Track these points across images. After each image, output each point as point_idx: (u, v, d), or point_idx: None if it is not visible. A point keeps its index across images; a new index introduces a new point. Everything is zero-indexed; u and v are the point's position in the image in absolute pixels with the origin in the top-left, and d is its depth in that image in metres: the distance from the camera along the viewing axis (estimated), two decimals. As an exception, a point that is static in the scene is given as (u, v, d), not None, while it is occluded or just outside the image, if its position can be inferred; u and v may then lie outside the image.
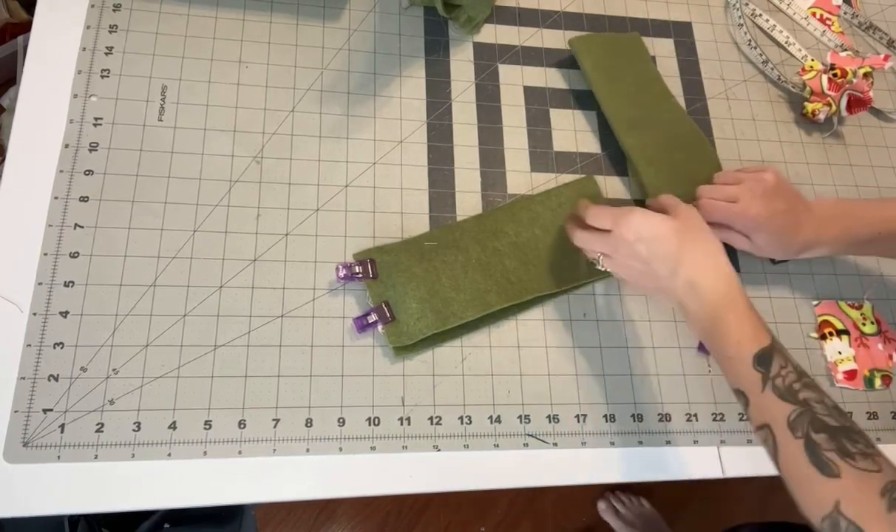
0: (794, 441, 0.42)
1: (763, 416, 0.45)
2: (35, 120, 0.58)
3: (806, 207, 0.59)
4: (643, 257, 0.51)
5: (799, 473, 0.42)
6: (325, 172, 0.62)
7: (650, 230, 0.50)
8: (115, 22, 0.63)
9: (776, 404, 0.44)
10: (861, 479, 0.40)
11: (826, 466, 0.41)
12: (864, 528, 0.39)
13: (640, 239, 0.50)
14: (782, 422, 0.43)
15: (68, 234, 0.55)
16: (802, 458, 0.42)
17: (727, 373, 0.48)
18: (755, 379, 0.45)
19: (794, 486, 0.43)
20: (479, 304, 0.57)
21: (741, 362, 0.46)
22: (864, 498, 0.40)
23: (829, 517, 0.40)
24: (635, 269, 0.52)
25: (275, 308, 0.56)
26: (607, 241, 0.53)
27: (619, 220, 0.51)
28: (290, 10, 0.67)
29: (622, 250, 0.52)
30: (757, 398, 0.45)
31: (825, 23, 0.79)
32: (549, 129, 0.68)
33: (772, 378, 0.45)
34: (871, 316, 0.66)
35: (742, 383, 0.46)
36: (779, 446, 0.43)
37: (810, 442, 0.42)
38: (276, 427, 0.53)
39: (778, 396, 0.44)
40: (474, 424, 0.56)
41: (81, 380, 0.52)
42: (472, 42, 0.70)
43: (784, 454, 0.43)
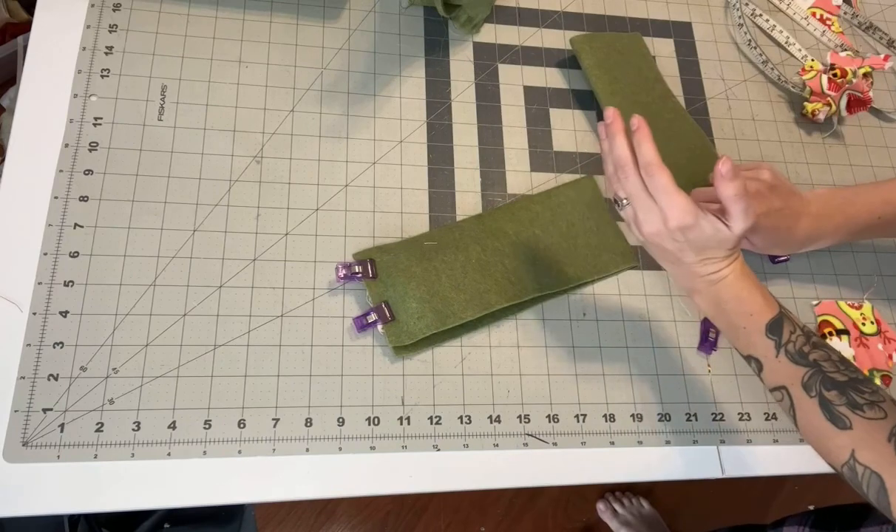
0: (810, 400, 0.45)
1: (779, 379, 0.47)
2: (35, 120, 0.58)
3: (803, 202, 0.59)
4: (678, 240, 0.48)
5: (817, 429, 0.45)
6: (325, 172, 0.62)
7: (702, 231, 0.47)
8: (115, 22, 0.63)
9: (790, 368, 0.46)
10: (870, 428, 0.43)
11: (839, 420, 0.44)
12: (881, 473, 0.41)
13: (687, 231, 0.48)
14: (797, 383, 0.46)
15: (68, 234, 0.55)
16: (818, 415, 0.44)
17: (739, 342, 0.49)
18: (769, 346, 0.47)
19: (814, 440, 0.46)
20: (478, 304, 0.57)
21: (755, 332, 0.48)
22: (875, 445, 0.42)
23: (848, 464, 0.43)
24: (659, 241, 0.49)
25: (274, 308, 0.56)
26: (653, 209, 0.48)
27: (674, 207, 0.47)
28: (290, 9, 0.67)
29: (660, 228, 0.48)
30: (771, 363, 0.47)
31: (825, 23, 0.79)
32: (549, 128, 0.68)
33: (784, 344, 0.47)
34: (871, 316, 0.66)
35: (756, 351, 0.48)
36: (796, 406, 0.46)
37: (824, 399, 0.44)
38: (275, 427, 0.53)
39: (791, 360, 0.46)
40: (474, 424, 0.56)
41: (81, 379, 0.52)
42: (472, 42, 0.70)
43: (801, 413, 0.46)
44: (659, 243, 0.49)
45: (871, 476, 0.42)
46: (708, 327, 0.62)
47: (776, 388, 0.47)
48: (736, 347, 0.50)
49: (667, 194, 0.47)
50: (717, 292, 0.49)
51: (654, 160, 0.48)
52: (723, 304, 0.49)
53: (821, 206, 0.59)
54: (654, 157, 0.48)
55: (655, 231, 0.48)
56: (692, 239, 0.47)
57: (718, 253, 0.48)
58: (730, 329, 0.49)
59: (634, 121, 0.50)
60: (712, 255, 0.48)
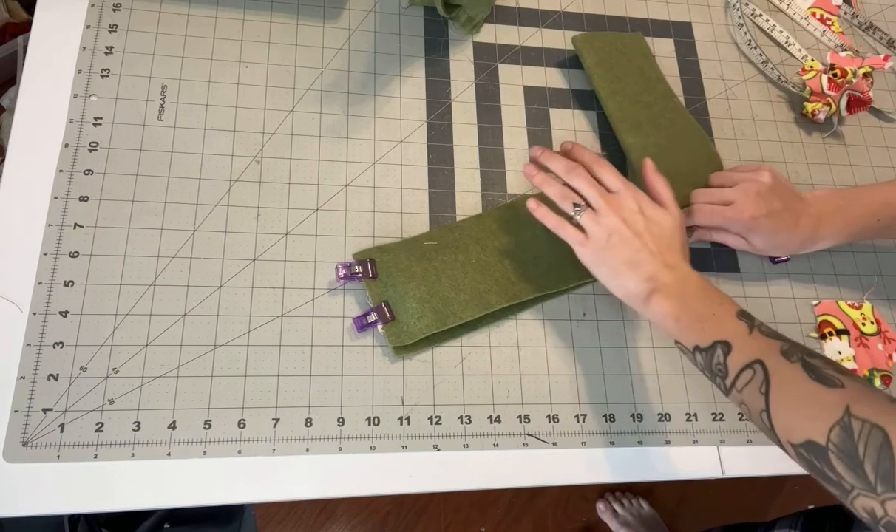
0: (791, 365, 0.43)
1: (752, 354, 0.45)
2: (35, 120, 0.58)
3: (803, 204, 0.59)
4: (638, 229, 0.51)
5: (798, 393, 0.42)
6: (325, 172, 0.62)
7: (656, 213, 0.52)
8: (115, 22, 0.63)
9: (766, 341, 0.45)
10: (866, 388, 0.41)
11: (829, 380, 0.41)
12: (884, 424, 0.38)
13: (642, 212, 0.51)
14: (775, 353, 0.44)
15: (68, 234, 0.55)
16: (802, 377, 0.42)
17: (706, 330, 0.48)
18: (742, 326, 0.47)
19: (792, 407, 0.42)
20: (478, 304, 0.57)
21: (726, 317, 0.48)
22: (875, 399, 0.39)
23: (840, 423, 0.39)
24: (623, 227, 0.51)
25: (274, 308, 0.56)
26: (607, 196, 0.52)
27: (626, 186, 0.53)
28: (290, 9, 0.67)
29: (622, 207, 0.51)
30: (744, 341, 0.46)
31: (825, 23, 0.79)
32: (549, 129, 0.68)
33: (757, 325, 0.47)
34: (871, 316, 0.66)
35: (725, 335, 0.47)
36: (771, 374, 0.44)
37: (807, 363, 0.43)
38: (275, 427, 0.53)
39: (766, 336, 0.46)
40: (474, 424, 0.56)
41: (81, 379, 0.52)
42: (472, 42, 0.70)
43: (779, 379, 0.43)
44: (621, 231, 0.51)
45: (871, 430, 0.38)
46: None
47: (747, 366, 0.45)
48: (694, 342, 0.48)
49: (619, 180, 0.53)
50: (685, 286, 0.50)
51: (598, 158, 0.55)
52: (690, 297, 0.49)
53: (820, 207, 0.59)
54: (596, 156, 0.55)
55: (618, 212, 0.51)
56: (650, 216, 0.51)
57: (674, 246, 0.51)
58: (696, 321, 0.48)
59: (566, 145, 0.57)
60: (669, 248, 0.51)
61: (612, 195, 0.52)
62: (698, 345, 0.48)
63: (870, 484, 0.38)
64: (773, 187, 0.58)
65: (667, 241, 0.51)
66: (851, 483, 0.39)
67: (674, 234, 0.52)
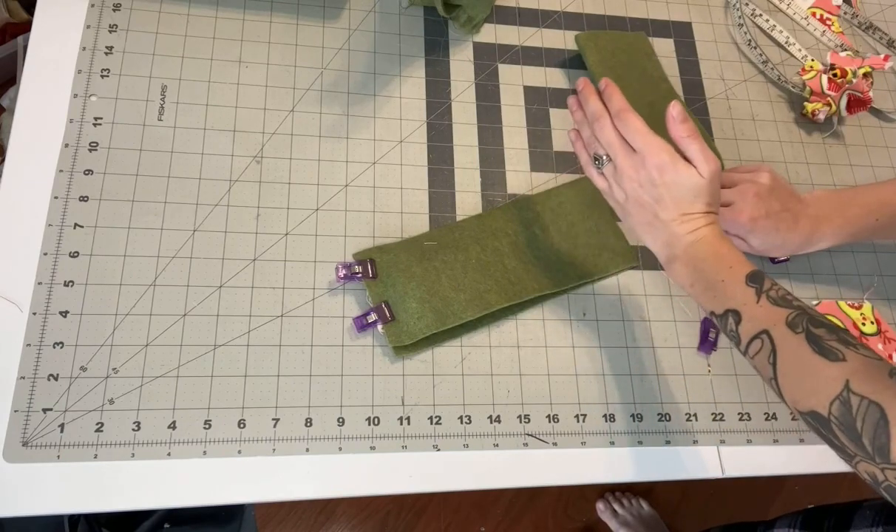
0: (795, 336, 0.43)
1: (759, 324, 0.45)
2: (35, 120, 0.58)
3: (801, 205, 0.59)
4: (656, 194, 0.49)
5: (802, 365, 0.42)
6: (325, 172, 0.62)
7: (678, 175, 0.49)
8: (115, 22, 0.63)
9: (773, 310, 0.45)
10: (867, 362, 0.40)
11: (831, 353, 0.41)
12: (880, 401, 0.38)
13: (662, 174, 0.49)
14: (781, 322, 0.44)
15: (68, 234, 0.55)
16: (805, 349, 0.42)
17: (717, 299, 0.48)
18: (749, 293, 0.46)
19: (796, 379, 0.43)
20: (478, 304, 0.57)
21: (735, 283, 0.47)
22: (875, 375, 0.39)
23: (839, 398, 0.40)
24: (640, 193, 0.50)
25: (274, 308, 0.56)
26: (631, 154, 0.50)
27: (649, 144, 0.49)
28: (290, 9, 0.67)
29: (639, 173, 0.50)
30: (752, 310, 0.46)
31: (825, 23, 0.79)
32: (548, 128, 0.68)
33: (766, 291, 0.46)
34: (871, 316, 0.66)
35: (735, 303, 0.47)
36: (777, 346, 0.44)
37: (811, 335, 0.43)
38: (275, 427, 0.53)
39: (773, 304, 0.45)
40: (474, 424, 0.56)
41: (81, 379, 0.52)
42: (472, 42, 0.70)
43: (784, 351, 0.43)
44: (638, 196, 0.50)
45: (868, 407, 0.39)
46: (708, 327, 0.62)
47: (756, 336, 0.45)
48: (710, 309, 0.49)
49: (641, 135, 0.49)
50: (696, 251, 0.49)
51: (625, 106, 0.51)
52: (701, 263, 0.49)
53: (819, 208, 0.60)
54: (624, 104, 0.51)
55: (635, 178, 0.50)
56: (668, 182, 0.48)
57: (695, 206, 0.49)
58: (708, 288, 0.48)
59: (602, 82, 0.53)
60: (689, 209, 0.49)
61: (633, 156, 0.50)
62: (713, 311, 0.48)
63: (869, 454, 0.39)
64: (771, 188, 0.58)
65: (688, 202, 0.49)
66: (854, 451, 0.40)
67: (698, 194, 0.49)
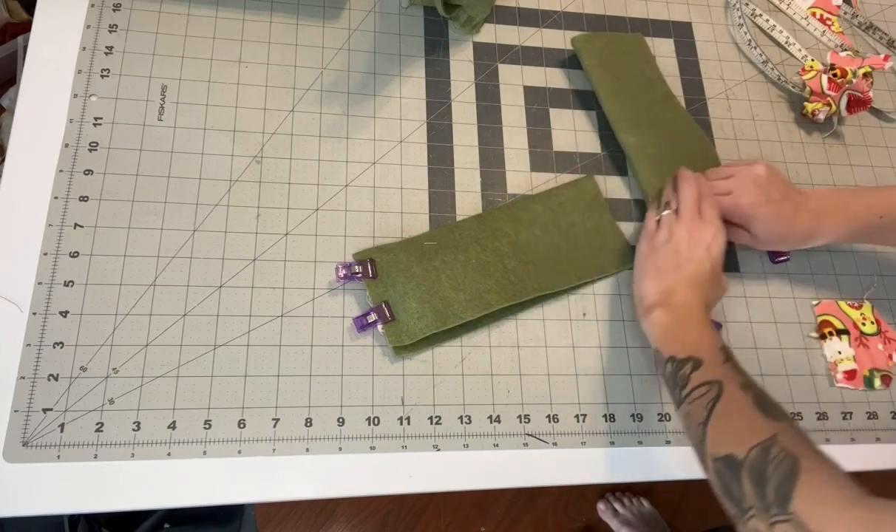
0: (744, 394, 0.46)
1: (715, 375, 0.48)
2: (35, 120, 0.58)
3: (802, 197, 0.59)
4: (693, 256, 0.55)
5: (739, 413, 0.46)
6: (325, 172, 0.62)
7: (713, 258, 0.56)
8: (115, 21, 0.63)
9: (733, 373, 0.48)
10: (801, 432, 0.44)
11: (771, 413, 0.45)
12: (798, 455, 0.41)
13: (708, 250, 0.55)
14: (735, 381, 0.47)
15: (68, 234, 0.55)
16: (748, 404, 0.46)
17: (686, 347, 0.51)
18: (720, 356, 0.50)
19: (726, 424, 0.46)
20: (478, 304, 0.57)
21: (708, 345, 0.51)
22: (799, 440, 0.42)
23: (762, 445, 0.42)
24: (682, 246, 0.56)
25: (274, 308, 0.56)
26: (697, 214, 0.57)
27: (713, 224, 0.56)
28: (290, 9, 0.67)
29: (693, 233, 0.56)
30: (715, 365, 0.49)
31: (825, 23, 0.79)
32: (549, 128, 0.68)
33: (733, 361, 0.50)
34: (871, 316, 0.66)
35: (701, 355, 0.50)
36: (723, 395, 0.47)
37: (759, 397, 0.46)
38: (275, 427, 0.53)
39: (734, 370, 0.49)
40: (474, 424, 0.56)
41: (81, 379, 0.52)
42: (472, 42, 0.70)
43: (727, 400, 0.46)
44: (679, 247, 0.56)
45: (785, 457, 0.41)
46: None
47: (707, 383, 0.48)
48: (670, 352, 0.52)
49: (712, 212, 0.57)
50: (686, 311, 0.53)
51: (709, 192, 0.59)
52: (686, 319, 0.53)
53: (820, 202, 0.60)
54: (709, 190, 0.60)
55: (688, 233, 0.56)
56: (712, 258, 0.55)
57: (705, 290, 0.54)
58: (679, 338, 0.52)
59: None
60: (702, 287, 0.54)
61: (699, 221, 0.56)
62: (674, 355, 0.52)
63: (766, 505, 0.40)
64: (769, 178, 0.59)
65: (700, 283, 0.54)
66: (751, 503, 0.41)
67: (712, 283, 0.56)
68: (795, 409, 0.61)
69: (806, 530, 0.37)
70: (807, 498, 0.39)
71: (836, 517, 0.37)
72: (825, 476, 0.40)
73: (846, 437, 0.60)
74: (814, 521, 0.37)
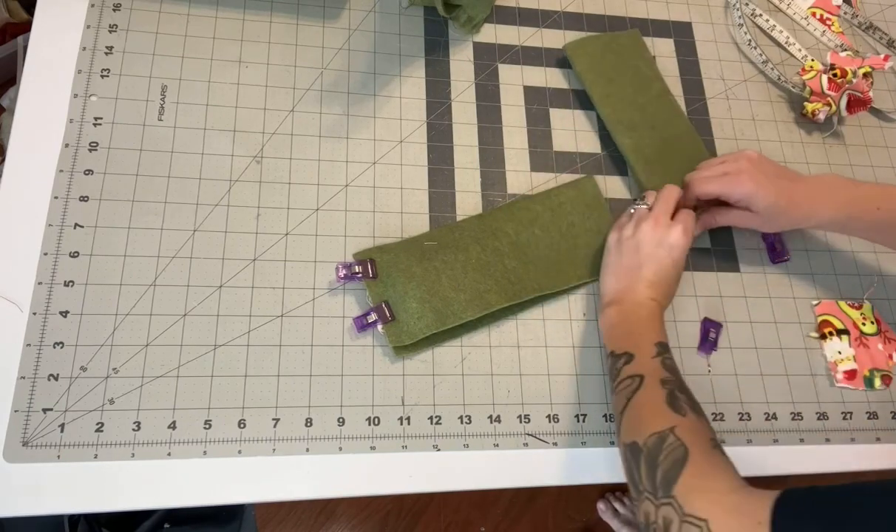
0: (661, 388, 0.49)
1: (642, 371, 0.51)
2: (35, 120, 0.58)
3: (798, 175, 0.60)
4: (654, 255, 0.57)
5: (650, 406, 0.49)
6: (325, 172, 0.62)
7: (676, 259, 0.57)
8: (115, 21, 0.63)
9: (658, 369, 0.51)
10: (699, 424, 0.47)
11: (679, 408, 0.48)
12: (690, 446, 0.44)
13: (671, 251, 0.57)
14: (656, 378, 0.50)
15: (68, 234, 0.55)
16: (660, 398, 0.49)
17: (627, 343, 0.54)
18: (652, 351, 0.52)
19: (637, 414, 0.49)
20: (478, 304, 0.57)
21: (646, 342, 0.53)
22: (699, 434, 0.46)
23: (660, 434, 0.46)
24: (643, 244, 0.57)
25: (274, 308, 0.56)
26: (667, 216, 0.58)
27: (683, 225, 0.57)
28: (290, 9, 0.67)
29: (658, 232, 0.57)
30: (645, 361, 0.52)
31: (825, 23, 0.79)
32: (549, 128, 0.68)
33: (663, 357, 0.52)
34: (871, 316, 0.66)
35: (636, 351, 0.53)
36: (643, 388, 0.50)
37: (672, 394, 0.49)
38: (275, 427, 0.53)
39: (662, 367, 0.51)
40: (474, 424, 0.56)
41: (81, 379, 0.52)
42: (472, 42, 0.70)
43: (644, 393, 0.50)
44: (640, 244, 0.57)
45: (676, 447, 0.44)
46: (708, 328, 0.62)
47: (633, 376, 0.51)
48: (612, 347, 0.55)
49: (687, 216, 0.58)
50: (637, 310, 0.55)
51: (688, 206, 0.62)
52: (634, 317, 0.55)
53: (819, 181, 0.60)
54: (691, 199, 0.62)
55: (653, 231, 0.57)
56: (673, 259, 0.56)
57: (662, 290, 0.56)
58: (625, 335, 0.55)
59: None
60: (660, 287, 0.56)
61: (669, 222, 0.58)
62: (614, 350, 0.55)
63: (655, 488, 0.44)
64: (762, 158, 0.60)
65: (658, 282, 0.56)
66: (645, 486, 0.45)
67: (670, 283, 0.57)
68: (796, 408, 0.61)
69: (682, 512, 0.41)
70: (688, 484, 0.42)
71: (709, 501, 0.41)
72: (708, 467, 0.43)
73: (846, 437, 0.60)
74: (688, 504, 0.41)
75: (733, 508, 0.40)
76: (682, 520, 0.41)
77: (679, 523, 0.41)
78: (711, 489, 0.42)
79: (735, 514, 0.39)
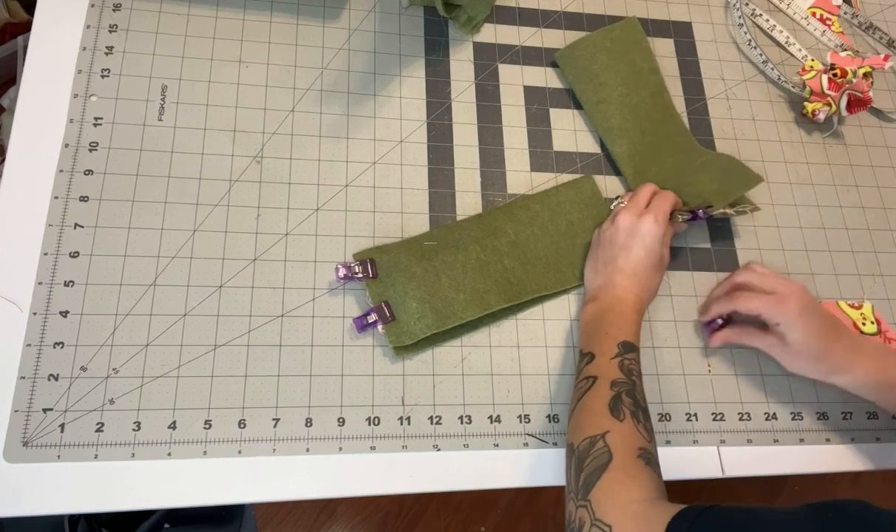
0: (609, 391, 0.50)
1: (598, 372, 0.52)
2: (35, 120, 0.58)
3: (844, 326, 0.58)
4: (630, 246, 0.57)
5: (593, 409, 0.50)
6: (325, 172, 0.62)
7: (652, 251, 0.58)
8: (115, 21, 0.63)
9: (613, 371, 0.52)
10: (633, 432, 0.48)
11: (618, 413, 0.49)
12: (613, 453, 0.46)
13: (643, 241, 0.57)
14: (609, 379, 0.51)
15: (68, 234, 0.55)
16: (604, 401, 0.50)
17: (594, 342, 0.55)
18: (613, 352, 0.53)
19: (583, 414, 0.50)
20: (478, 304, 0.57)
21: (611, 341, 0.54)
22: (629, 441, 0.47)
23: (591, 438, 0.48)
24: (619, 234, 0.58)
25: (275, 308, 0.56)
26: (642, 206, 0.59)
27: (656, 214, 0.58)
28: (290, 9, 0.67)
29: (632, 220, 0.58)
30: (604, 362, 0.53)
31: (825, 23, 0.79)
32: (548, 128, 0.68)
33: (622, 357, 0.53)
34: (871, 316, 0.66)
35: (598, 351, 0.54)
36: (594, 390, 0.51)
37: (617, 397, 0.50)
38: (275, 427, 0.53)
39: (618, 369, 0.52)
40: (474, 424, 0.56)
41: (81, 379, 0.52)
42: (472, 42, 0.70)
43: (593, 395, 0.51)
44: (615, 235, 0.58)
45: (603, 452, 0.46)
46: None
47: (589, 377, 0.52)
48: (582, 345, 0.56)
49: (664, 201, 0.59)
50: (613, 305, 0.56)
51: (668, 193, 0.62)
52: (608, 313, 0.56)
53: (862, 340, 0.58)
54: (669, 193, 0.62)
55: (628, 220, 0.58)
56: (647, 249, 0.57)
57: (641, 283, 0.57)
58: (594, 332, 0.55)
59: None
60: (637, 279, 0.57)
61: (646, 212, 0.58)
62: (581, 349, 0.56)
63: (577, 490, 0.46)
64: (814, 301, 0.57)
65: (634, 273, 0.57)
66: (571, 487, 0.47)
67: (652, 275, 0.58)
68: (796, 409, 0.61)
69: (594, 516, 0.44)
70: (604, 490, 0.45)
71: (617, 508, 0.43)
72: (625, 476, 0.45)
73: (846, 437, 0.60)
74: (599, 509, 0.44)
75: (636, 517, 0.42)
76: (592, 523, 0.43)
77: (590, 526, 0.43)
78: (623, 497, 0.44)
79: (636, 523, 0.42)
